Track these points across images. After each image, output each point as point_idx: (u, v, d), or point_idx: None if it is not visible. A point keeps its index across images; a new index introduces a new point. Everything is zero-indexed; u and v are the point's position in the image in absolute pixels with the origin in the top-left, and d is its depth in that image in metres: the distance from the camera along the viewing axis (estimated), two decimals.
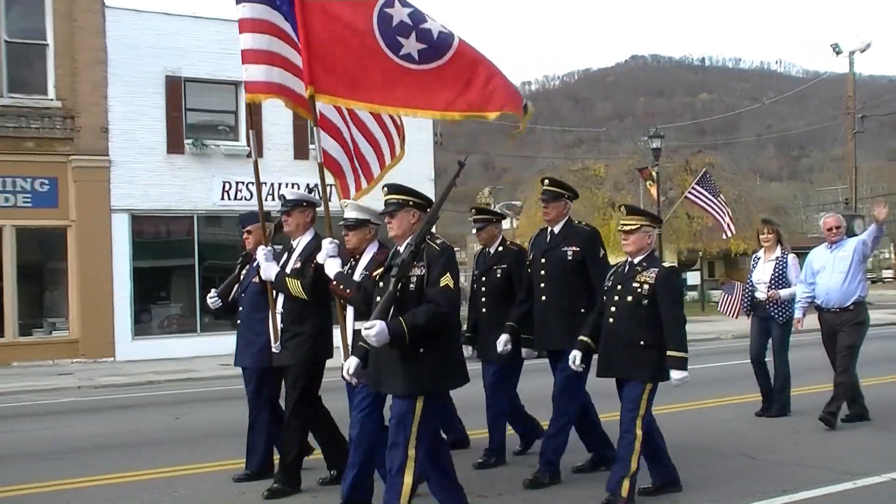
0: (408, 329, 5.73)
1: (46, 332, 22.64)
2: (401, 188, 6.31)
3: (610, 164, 50.06)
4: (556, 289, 7.82)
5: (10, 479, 8.44)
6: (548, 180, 8.18)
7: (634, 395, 6.86)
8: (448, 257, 5.98)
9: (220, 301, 8.51)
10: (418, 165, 27.34)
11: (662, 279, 6.92)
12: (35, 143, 21.65)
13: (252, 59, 7.44)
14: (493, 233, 8.83)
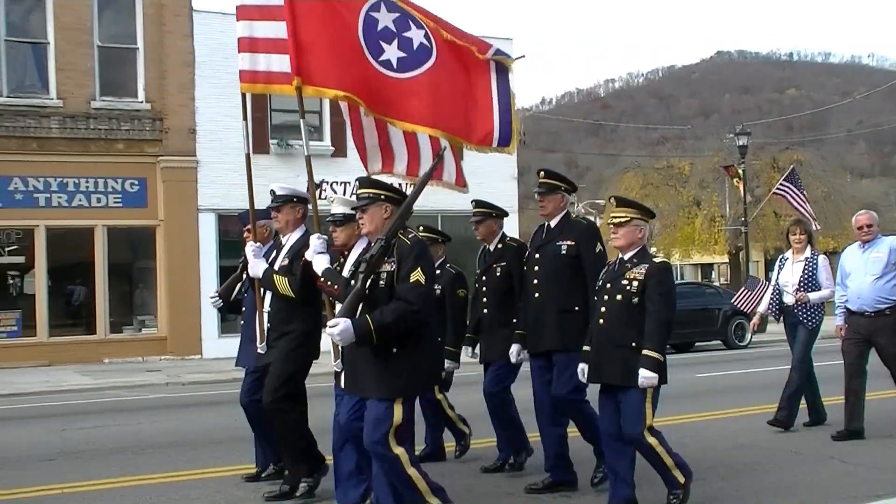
0: (374, 328, 5.49)
1: (136, 329, 23.11)
2: (372, 182, 6.12)
3: (695, 161, 49.38)
4: (549, 286, 7.37)
5: (101, 473, 8.62)
6: (543, 172, 7.76)
7: (635, 404, 6.39)
8: (420, 252, 5.70)
9: (222, 301, 8.34)
10: (501, 164, 27.23)
11: (652, 275, 6.47)
12: (125, 144, 22.11)
13: (245, 48, 7.29)
14: (491, 228, 8.38)
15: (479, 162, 26.50)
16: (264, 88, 7.46)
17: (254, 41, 7.25)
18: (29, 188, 21.73)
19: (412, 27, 7.26)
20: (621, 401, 6.50)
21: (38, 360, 21.39)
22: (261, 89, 7.48)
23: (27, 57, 22.72)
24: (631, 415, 6.43)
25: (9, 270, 22.64)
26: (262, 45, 7.26)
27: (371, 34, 7.15)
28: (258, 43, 7.26)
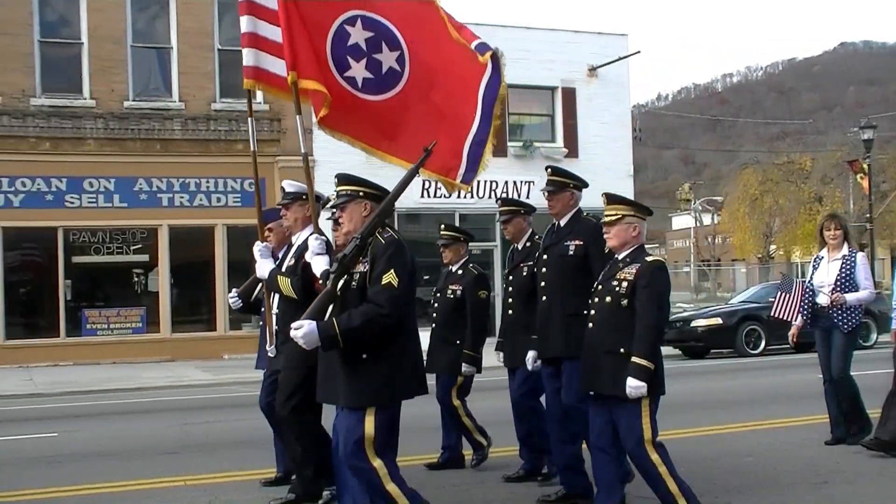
0: (340, 331, 5.16)
1: (254, 325, 23.50)
2: (350, 178, 5.80)
3: (816, 157, 48.20)
4: (556, 288, 7.05)
5: (222, 466, 8.79)
6: (550, 169, 7.44)
7: (632, 416, 5.95)
8: (395, 252, 5.35)
9: (241, 301, 8.05)
10: (617, 161, 27.05)
11: (643, 275, 5.99)
12: (245, 145, 22.43)
13: (250, 44, 7.08)
14: (520, 226, 8.00)
15: (595, 159, 26.52)
16: (266, 88, 7.28)
17: (258, 38, 7.07)
18: (153, 189, 22.35)
19: (384, 49, 6.97)
20: (614, 412, 6.08)
21: (160, 356, 21.99)
22: (263, 88, 7.28)
23: (151, 61, 23.38)
24: (624, 428, 6.03)
25: (133, 268, 23.34)
26: (266, 46, 7.10)
27: (340, 47, 6.92)
28: (262, 42, 7.09)
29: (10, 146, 21.60)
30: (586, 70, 26.90)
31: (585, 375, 6.27)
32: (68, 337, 22.16)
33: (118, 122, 22.38)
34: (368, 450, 5.26)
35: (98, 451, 10.17)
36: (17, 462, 9.66)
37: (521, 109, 26.79)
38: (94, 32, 22.47)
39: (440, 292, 8.56)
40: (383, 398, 5.33)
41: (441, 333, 8.44)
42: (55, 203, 21.95)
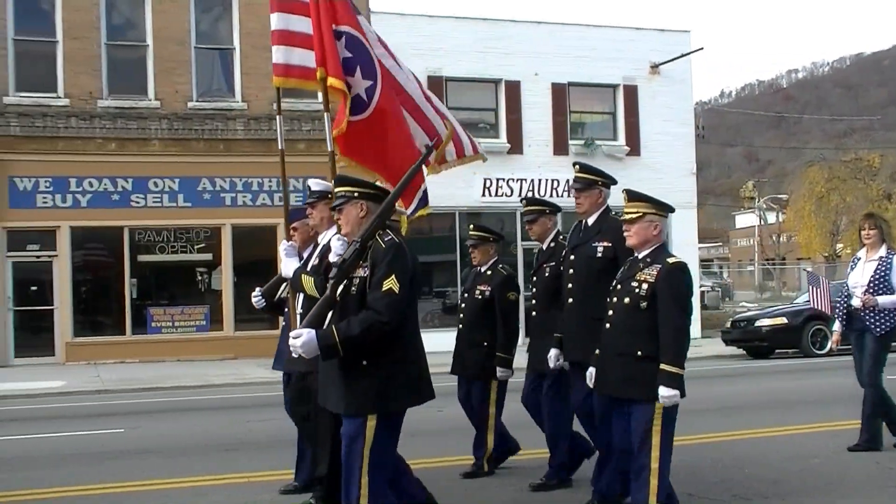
0: (340, 339, 5.04)
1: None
2: (347, 179, 5.65)
3: (885, 153, 47.37)
4: (582, 290, 6.88)
5: (284, 464, 8.84)
6: (578, 166, 7.20)
7: (642, 421, 5.82)
8: (395, 256, 5.19)
9: (265, 300, 7.95)
10: (679, 159, 26.81)
11: (664, 277, 5.82)
12: (306, 144, 22.65)
13: (279, 41, 7.06)
14: (545, 226, 7.81)
15: (657, 157, 26.30)
16: (297, 83, 7.27)
17: (288, 34, 7.04)
18: (216, 188, 22.60)
19: (357, 74, 6.95)
20: (629, 414, 5.96)
21: (224, 354, 22.22)
22: (293, 83, 7.28)
23: (214, 62, 23.64)
24: (634, 431, 5.90)
25: (197, 267, 23.61)
26: (297, 39, 7.05)
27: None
28: (293, 36, 7.05)
29: (77, 147, 21.97)
30: (648, 67, 26.68)
31: (598, 376, 6.19)
32: (134, 335, 22.48)
33: (182, 123, 22.66)
34: (365, 459, 5.16)
35: (162, 448, 10.29)
36: (83, 457, 9.82)
37: (582, 108, 26.67)
38: (158, 34, 22.77)
39: (468, 293, 8.44)
40: (384, 406, 5.21)
41: (468, 335, 8.31)
42: (121, 203, 22.28)
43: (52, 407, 14.83)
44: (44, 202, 21.77)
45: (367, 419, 5.17)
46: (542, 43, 25.53)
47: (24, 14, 22.13)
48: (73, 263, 22.20)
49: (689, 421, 10.91)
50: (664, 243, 6.12)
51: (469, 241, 8.50)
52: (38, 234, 21.97)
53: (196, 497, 7.78)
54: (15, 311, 21.75)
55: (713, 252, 79.99)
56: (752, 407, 12.47)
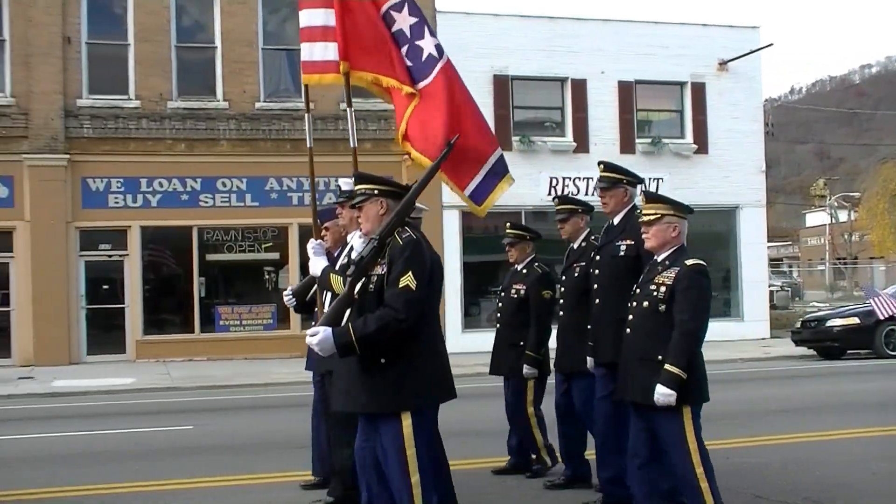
0: (356, 338, 5.01)
1: None
2: (366, 177, 5.63)
3: None
4: (607, 291, 6.79)
5: None
6: (603, 165, 7.09)
7: (673, 429, 5.69)
8: (412, 253, 5.15)
9: (296, 300, 7.85)
10: (748, 157, 26.46)
11: (682, 279, 5.69)
12: (373, 144, 22.78)
13: (307, 38, 6.96)
14: (577, 225, 7.69)
15: (725, 155, 26.00)
16: (320, 79, 7.16)
17: (314, 31, 6.96)
18: (283, 188, 22.78)
19: (426, 34, 6.80)
20: (654, 421, 5.81)
21: (291, 352, 22.32)
22: (316, 80, 7.18)
23: (282, 63, 23.82)
24: (669, 441, 5.74)
25: (265, 266, 23.82)
26: (320, 34, 6.96)
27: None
28: (317, 31, 6.97)
29: (148, 148, 22.31)
30: (716, 64, 26.34)
31: (620, 382, 6.09)
32: (202, 333, 22.75)
33: (250, 123, 22.89)
34: (410, 459, 5.14)
35: (231, 445, 10.40)
36: (154, 453, 9.96)
37: (649, 105, 26.42)
38: (227, 36, 23.03)
39: (504, 292, 8.39)
40: (408, 403, 5.18)
41: (505, 334, 8.27)
42: (190, 202, 22.57)
43: (122, 403, 15.08)
44: (115, 202, 22.14)
45: (402, 419, 5.14)
46: (608, 41, 25.36)
47: (96, 18, 22.51)
48: (143, 262, 22.54)
49: (756, 422, 10.81)
50: (684, 245, 5.99)
51: (505, 240, 8.44)
52: (109, 234, 22.34)
53: (267, 493, 7.86)
54: (87, 310, 22.14)
55: (782, 251, 78.88)
56: (822, 408, 12.27)
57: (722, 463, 8.16)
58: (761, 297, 26.83)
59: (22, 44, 21.71)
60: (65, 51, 21.87)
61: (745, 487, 7.55)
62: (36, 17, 21.69)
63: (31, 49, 21.68)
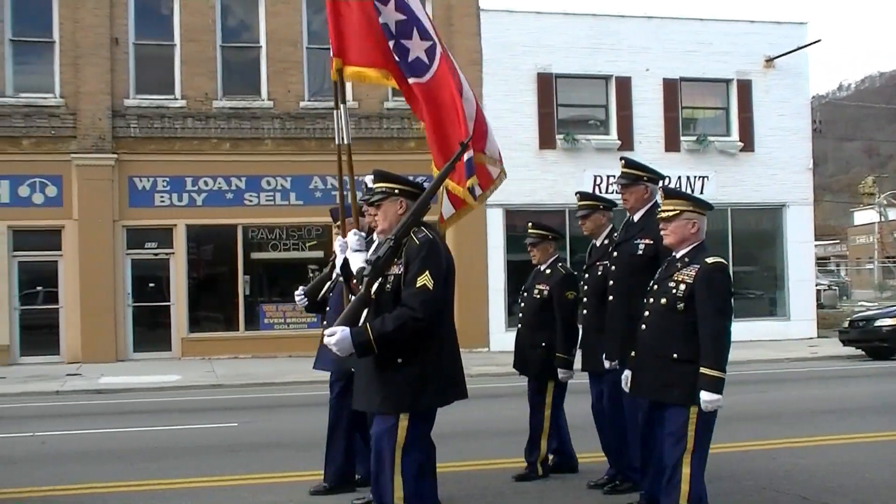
0: (374, 337, 5.02)
1: None
2: (386, 175, 5.59)
3: None
4: (622, 288, 6.77)
5: None
6: (624, 161, 7.08)
7: (677, 424, 5.66)
8: (429, 252, 5.16)
9: (307, 300, 7.95)
10: (795, 154, 26.18)
11: (701, 278, 5.64)
12: (416, 142, 22.75)
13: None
14: (599, 222, 7.72)
15: (772, 153, 25.75)
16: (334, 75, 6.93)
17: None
18: (327, 186, 22.83)
19: (415, 36, 6.67)
20: (663, 417, 5.80)
21: None
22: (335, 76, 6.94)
23: (325, 62, 23.76)
24: (668, 435, 5.73)
25: (309, 265, 23.87)
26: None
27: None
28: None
29: (193, 147, 22.50)
30: (763, 61, 26.09)
31: (633, 378, 6.07)
32: (247, 331, 22.90)
33: (294, 122, 23.01)
34: (397, 458, 5.15)
35: (275, 442, 10.47)
36: (199, 450, 10.04)
37: (694, 103, 26.22)
38: (271, 36, 23.17)
39: (527, 292, 8.32)
40: (418, 403, 5.19)
41: (527, 335, 8.20)
42: (235, 201, 22.73)
43: (168, 400, 15.21)
44: (161, 201, 22.35)
45: (399, 418, 5.17)
46: (652, 38, 25.21)
47: (143, 19, 22.73)
48: (189, 261, 22.75)
49: (803, 423, 10.70)
50: (703, 242, 5.95)
51: (528, 240, 8.38)
52: (155, 233, 22.56)
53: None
54: (133, 307, 22.37)
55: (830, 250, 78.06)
56: (870, 410, 12.12)
57: (768, 464, 8.13)
58: (808, 297, 26.54)
59: (71, 45, 21.98)
60: (112, 52, 22.13)
61: (792, 489, 7.48)
62: (84, 18, 21.95)
63: (79, 50, 21.95)
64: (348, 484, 7.62)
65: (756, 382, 15.68)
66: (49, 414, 13.65)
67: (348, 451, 7.59)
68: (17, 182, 21.58)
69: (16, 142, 21.63)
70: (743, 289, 25.78)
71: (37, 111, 21.76)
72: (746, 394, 13.82)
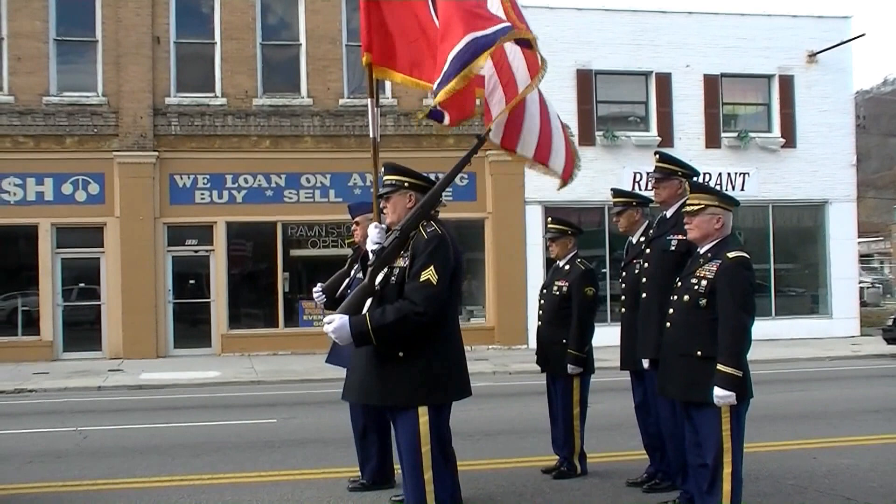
0: (372, 327, 4.97)
1: (465, 319, 23.75)
2: (396, 168, 5.55)
3: None
4: (655, 285, 6.69)
5: None
6: (658, 156, 6.98)
7: (711, 424, 5.60)
8: (436, 247, 5.11)
9: (325, 297, 7.91)
10: (838, 150, 25.88)
11: (723, 272, 5.57)
12: (455, 139, 22.73)
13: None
14: (633, 218, 7.66)
15: (814, 149, 25.48)
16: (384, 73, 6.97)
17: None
18: (366, 183, 22.84)
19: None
20: (693, 417, 5.74)
21: None
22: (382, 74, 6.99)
23: None
24: (704, 437, 5.67)
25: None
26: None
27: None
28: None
29: (233, 145, 22.64)
30: (805, 56, 25.82)
31: (660, 378, 6.03)
32: (286, 327, 23.01)
33: (333, 120, 23.08)
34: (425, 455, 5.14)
35: (315, 438, 10.49)
36: (239, 445, 10.09)
37: (735, 99, 26.00)
38: (311, 33, 23.24)
39: (546, 288, 8.28)
40: (418, 399, 5.15)
41: (548, 332, 8.15)
42: (274, 198, 22.84)
43: (208, 396, 15.32)
44: (201, 198, 22.51)
45: (420, 415, 5.14)
46: (692, 34, 25.04)
47: (184, 18, 22.90)
48: (229, 257, 22.88)
49: (845, 422, 10.58)
50: (727, 238, 5.86)
51: (547, 235, 8.36)
52: (195, 230, 22.71)
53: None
54: (174, 304, 22.55)
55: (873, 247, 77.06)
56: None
57: (810, 464, 8.06)
58: (851, 294, 26.24)
59: (113, 44, 22.20)
60: (154, 50, 22.32)
61: (835, 489, 7.40)
62: (126, 18, 22.16)
63: (121, 49, 22.16)
64: (387, 481, 7.62)
65: (798, 381, 15.54)
66: (91, 409, 13.79)
67: (383, 449, 7.56)
68: (60, 180, 21.84)
69: (60, 140, 21.89)
70: (784, 286, 25.58)
71: (80, 110, 21.99)
72: (788, 392, 13.70)
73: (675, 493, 6.87)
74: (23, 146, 21.76)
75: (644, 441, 7.70)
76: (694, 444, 5.85)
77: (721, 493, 5.63)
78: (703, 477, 5.77)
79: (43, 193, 21.82)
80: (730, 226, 5.90)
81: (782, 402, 12.43)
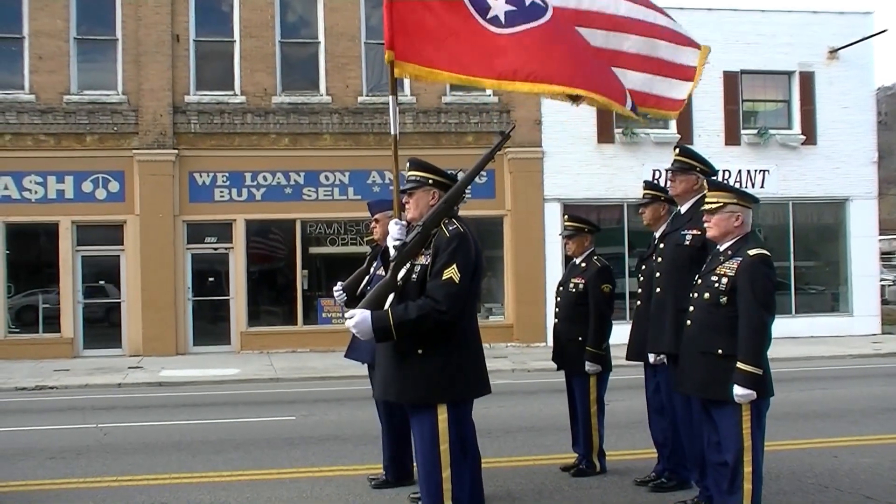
0: (394, 323, 4.96)
1: (483, 316, 23.72)
2: (421, 164, 5.53)
3: None
4: (669, 280, 6.65)
5: None
6: (678, 149, 6.96)
7: (730, 423, 5.57)
8: (458, 245, 5.08)
9: (346, 295, 7.87)
10: (859, 147, 25.71)
11: (744, 270, 5.56)
12: (474, 137, 22.75)
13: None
14: (657, 212, 7.56)
15: (835, 146, 25.33)
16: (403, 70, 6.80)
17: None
18: (385, 181, 22.86)
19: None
20: (714, 415, 5.72)
21: None
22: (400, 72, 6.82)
23: (384, 57, 23.89)
24: (724, 436, 5.65)
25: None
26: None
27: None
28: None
29: (252, 143, 22.68)
30: (826, 52, 25.66)
31: (678, 374, 6.03)
32: (305, 325, 23.04)
33: (352, 118, 23.09)
34: (443, 453, 5.11)
35: (334, 435, 10.52)
36: (258, 442, 10.12)
37: (755, 95, 25.88)
38: (330, 31, 23.26)
39: (563, 286, 8.27)
40: (436, 397, 5.13)
41: (564, 329, 8.15)
42: (293, 196, 22.86)
43: (227, 394, 15.37)
44: (221, 196, 22.57)
45: (438, 412, 5.12)
46: (713, 30, 24.82)
47: (204, 16, 22.94)
48: (248, 255, 22.92)
49: (866, 420, 10.52)
50: (748, 235, 5.85)
51: (564, 232, 8.33)
52: (215, 227, 22.76)
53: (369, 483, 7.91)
54: (194, 302, 22.62)
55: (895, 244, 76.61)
56: None
57: (830, 462, 8.01)
58: (872, 292, 26.07)
59: (133, 42, 22.27)
60: (173, 48, 22.39)
61: (856, 488, 7.36)
62: (146, 16, 22.23)
63: (141, 48, 22.24)
64: (408, 477, 7.62)
65: (818, 379, 15.46)
66: (111, 406, 13.85)
67: (403, 445, 7.57)
68: (80, 178, 21.94)
69: (80, 138, 21.99)
70: (804, 284, 25.44)
71: (100, 108, 22.08)
72: (809, 391, 13.64)
73: (694, 492, 6.84)
74: (44, 144, 21.88)
75: (653, 437, 7.67)
76: (714, 443, 5.82)
77: (741, 492, 5.61)
78: (722, 476, 5.74)
79: (63, 191, 21.92)
80: (749, 223, 5.88)
81: (803, 401, 12.37)
